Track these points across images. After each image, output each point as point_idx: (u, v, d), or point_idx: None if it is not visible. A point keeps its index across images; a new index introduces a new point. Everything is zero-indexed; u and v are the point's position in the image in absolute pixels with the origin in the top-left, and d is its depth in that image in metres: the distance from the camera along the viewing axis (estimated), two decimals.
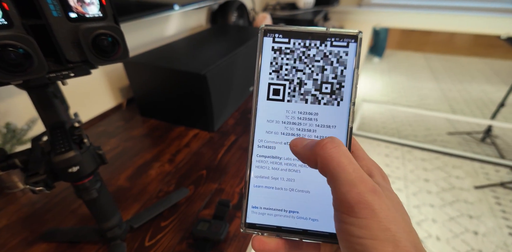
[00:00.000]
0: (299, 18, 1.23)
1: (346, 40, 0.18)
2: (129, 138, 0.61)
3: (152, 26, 0.78)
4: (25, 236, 0.38)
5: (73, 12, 0.19)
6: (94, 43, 0.20)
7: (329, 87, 0.18)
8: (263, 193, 0.18)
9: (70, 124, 0.30)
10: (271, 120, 0.18)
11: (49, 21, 0.18)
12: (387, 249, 0.13)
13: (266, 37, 0.17)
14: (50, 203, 0.43)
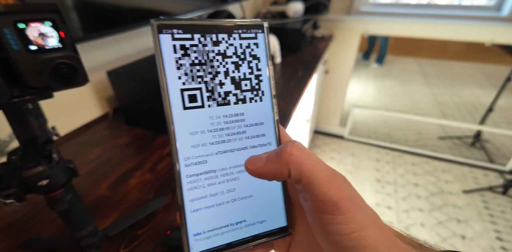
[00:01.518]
0: (288, 26, 1.26)
1: (254, 31, 0.17)
2: (113, 147, 0.63)
3: (139, 37, 0.81)
4: (5, 245, 0.40)
5: (33, 45, 0.21)
6: (54, 71, 0.22)
7: (248, 83, 0.17)
8: (203, 216, 0.16)
9: (45, 138, 0.32)
10: (194, 132, 0.16)
11: (10, 54, 0.20)
12: (377, 236, 0.13)
13: (162, 34, 0.14)
14: (31, 212, 0.45)
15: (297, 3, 1.38)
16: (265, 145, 0.18)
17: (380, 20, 1.55)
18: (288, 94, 0.88)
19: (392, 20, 1.53)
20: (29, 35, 0.21)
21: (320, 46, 1.41)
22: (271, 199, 0.18)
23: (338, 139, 2.12)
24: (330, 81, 1.90)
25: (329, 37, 1.60)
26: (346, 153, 1.96)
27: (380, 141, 2.04)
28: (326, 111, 2.08)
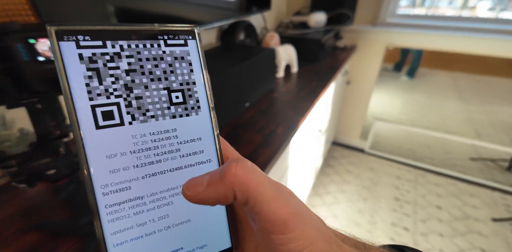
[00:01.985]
0: (307, 37, 1.27)
1: (182, 37, 0.15)
2: None
3: None
4: (21, 225, 0.45)
5: (41, 56, 0.26)
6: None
7: (180, 95, 0.15)
8: (130, 249, 0.14)
9: (56, 135, 0.38)
10: (112, 155, 0.13)
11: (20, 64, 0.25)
12: (325, 247, 0.13)
13: (63, 41, 0.12)
14: (47, 199, 0.51)
15: (319, 13, 1.39)
16: (204, 162, 0.16)
17: (407, 32, 1.51)
18: (298, 104, 0.89)
19: (422, 32, 1.48)
20: (39, 48, 0.26)
21: (340, 57, 1.40)
22: (212, 221, 0.16)
23: (357, 152, 2.06)
24: (352, 92, 1.87)
25: (352, 48, 1.59)
26: (364, 167, 1.89)
27: (403, 157, 1.94)
28: (347, 123, 2.04)
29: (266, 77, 0.94)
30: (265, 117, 0.82)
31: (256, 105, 0.89)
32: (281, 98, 0.94)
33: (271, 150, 0.66)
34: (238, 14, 1.04)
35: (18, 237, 0.43)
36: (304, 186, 1.35)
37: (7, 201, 0.50)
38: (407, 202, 1.59)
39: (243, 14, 1.08)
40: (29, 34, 0.24)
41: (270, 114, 0.83)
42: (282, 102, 0.91)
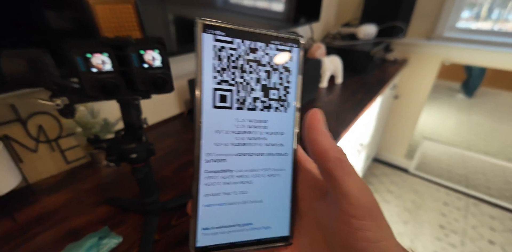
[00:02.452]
0: (355, 48, 1.28)
1: (289, 44, 0.17)
2: (181, 140, 0.77)
3: None
4: (97, 198, 0.55)
5: (146, 63, 0.33)
6: (154, 82, 0.34)
7: (276, 93, 0.17)
8: (214, 212, 0.17)
9: (138, 125, 0.46)
10: (219, 131, 0.16)
11: (132, 69, 0.33)
12: (396, 247, 0.13)
13: (205, 33, 0.15)
14: (118, 179, 0.60)
15: (369, 26, 1.39)
16: (282, 155, 0.18)
17: (468, 48, 1.41)
18: (342, 115, 0.90)
19: (485, 49, 1.37)
20: (145, 58, 0.33)
21: (390, 70, 1.37)
22: (278, 208, 0.18)
23: (401, 171, 1.94)
24: (400, 107, 1.78)
25: (403, 61, 1.53)
26: (407, 189, 1.77)
27: (453, 182, 1.78)
28: (391, 140, 1.94)
29: (310, 87, 0.97)
30: None
31: None
32: (324, 108, 0.96)
33: None
34: (286, 25, 1.10)
35: (92, 208, 0.53)
36: None
37: (88, 176, 0.61)
38: (454, 231, 1.45)
39: (292, 26, 1.13)
40: (141, 46, 0.32)
41: None
42: (325, 113, 0.92)
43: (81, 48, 0.30)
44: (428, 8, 1.44)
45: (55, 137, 0.59)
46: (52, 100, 0.34)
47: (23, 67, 0.30)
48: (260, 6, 0.90)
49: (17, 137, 0.54)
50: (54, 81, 0.33)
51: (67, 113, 0.35)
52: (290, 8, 1.06)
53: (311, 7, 1.23)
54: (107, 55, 0.32)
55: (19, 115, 0.53)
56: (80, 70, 0.31)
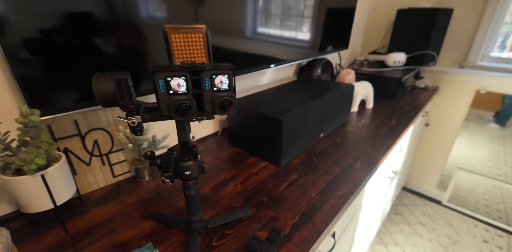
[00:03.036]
0: (386, 75, 1.29)
1: None
2: (217, 158, 0.79)
3: (250, 78, 1.01)
4: (142, 212, 0.56)
5: (215, 87, 0.36)
6: (220, 103, 0.36)
7: None
8: None
9: (191, 143, 0.48)
10: None
11: (203, 92, 0.35)
12: None
13: None
14: (160, 194, 0.62)
15: (398, 54, 1.41)
16: None
17: (502, 76, 1.38)
18: (378, 141, 0.88)
19: None
20: (215, 82, 0.36)
21: (421, 97, 1.35)
22: None
23: (433, 203, 1.82)
24: (431, 135, 1.72)
25: (434, 88, 1.51)
26: (442, 222, 1.64)
27: (492, 218, 1.63)
28: (422, 168, 1.85)
29: (342, 111, 0.97)
30: (340, 149, 0.84)
31: (331, 137, 0.92)
32: (357, 133, 0.95)
33: (351, 184, 0.66)
34: (315, 54, 1.15)
35: (138, 223, 0.54)
36: (368, 232, 1.25)
37: (132, 190, 0.62)
38: None
39: (321, 53, 1.18)
40: (214, 72, 0.35)
41: (346, 148, 0.85)
42: (358, 137, 0.92)
43: (164, 72, 0.33)
44: (460, 38, 1.44)
45: (107, 152, 0.62)
46: (128, 118, 0.37)
47: (111, 87, 0.34)
48: (286, 35, 0.95)
49: (75, 150, 0.57)
50: (133, 101, 0.36)
51: (138, 131, 0.38)
52: (317, 37, 1.11)
53: (339, 36, 1.28)
54: (184, 79, 0.35)
55: (79, 130, 0.57)
56: (159, 91, 0.34)
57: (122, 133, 0.61)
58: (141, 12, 0.54)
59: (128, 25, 0.53)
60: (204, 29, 0.39)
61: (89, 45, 0.49)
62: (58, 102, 0.48)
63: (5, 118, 0.49)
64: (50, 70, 0.46)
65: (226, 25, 0.72)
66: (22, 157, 0.43)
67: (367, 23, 1.72)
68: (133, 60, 0.56)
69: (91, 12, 0.47)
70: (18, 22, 0.41)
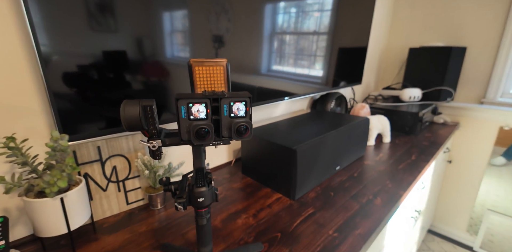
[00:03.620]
0: (402, 109, 1.28)
1: None
2: (230, 188, 0.77)
3: (264, 109, 1.05)
4: (152, 242, 0.54)
5: (233, 114, 0.38)
6: (237, 129, 0.38)
7: None
8: None
9: (206, 169, 0.48)
10: None
11: (221, 117, 0.37)
12: None
13: None
14: (171, 224, 0.60)
15: (413, 89, 1.42)
16: None
17: None
18: (398, 176, 0.85)
19: None
20: (233, 108, 0.38)
21: (441, 133, 1.32)
22: None
23: (463, 248, 1.62)
24: (455, 173, 1.62)
25: (454, 124, 1.48)
26: None
27: None
28: (448, 209, 1.70)
29: (358, 144, 0.95)
30: (358, 184, 0.80)
31: (347, 171, 0.89)
32: (375, 167, 0.92)
33: (371, 221, 0.62)
34: (328, 88, 1.19)
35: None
36: None
37: (144, 219, 0.61)
38: None
39: (334, 88, 1.21)
40: (232, 99, 0.37)
41: (364, 182, 0.81)
42: (376, 171, 0.88)
43: (187, 99, 0.36)
44: (476, 75, 1.46)
45: (124, 178, 0.64)
46: (150, 142, 0.38)
47: (137, 113, 0.37)
48: (300, 72, 1.01)
49: (94, 175, 0.59)
50: (156, 126, 0.38)
51: (157, 155, 0.39)
52: (329, 74, 1.16)
53: (352, 73, 1.34)
54: (204, 105, 0.37)
55: (101, 156, 0.60)
56: (181, 117, 0.36)
57: (140, 160, 0.63)
58: (166, 53, 0.60)
59: (153, 63, 0.59)
60: (225, 63, 0.43)
61: (119, 79, 0.54)
62: (86, 129, 0.52)
63: (36, 142, 0.53)
64: (83, 100, 0.51)
65: (242, 63, 0.78)
66: (46, 179, 0.45)
67: (379, 61, 1.79)
68: (155, 93, 0.60)
69: (125, 51, 0.54)
70: (63, 59, 0.47)
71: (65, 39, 0.46)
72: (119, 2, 0.51)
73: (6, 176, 0.50)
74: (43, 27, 0.44)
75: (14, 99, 0.48)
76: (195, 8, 0.62)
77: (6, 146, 0.43)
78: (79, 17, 0.47)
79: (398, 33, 1.71)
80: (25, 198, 0.45)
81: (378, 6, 1.54)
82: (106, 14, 0.50)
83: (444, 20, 1.50)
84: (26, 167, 0.46)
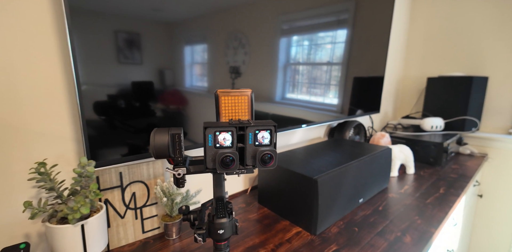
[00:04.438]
0: (425, 139, 1.24)
1: None
2: (246, 219, 0.74)
3: (281, 137, 1.04)
4: None
5: (258, 142, 0.38)
6: (261, 158, 0.38)
7: None
8: None
9: (226, 199, 0.47)
10: None
11: (246, 146, 0.38)
12: None
13: None
14: None
15: (435, 119, 1.39)
16: None
17: None
18: (426, 211, 0.79)
19: None
20: (258, 137, 0.38)
21: (468, 164, 1.24)
22: None
23: None
24: (487, 208, 1.49)
25: (482, 155, 1.40)
26: None
27: None
28: (482, 248, 1.52)
29: (381, 175, 0.91)
30: (384, 219, 0.75)
31: (371, 204, 0.84)
32: (400, 200, 0.86)
33: None
34: (345, 116, 1.18)
35: None
36: None
37: (158, 249, 0.59)
38: None
39: (350, 116, 1.21)
40: (258, 128, 0.38)
41: (390, 217, 0.76)
42: (402, 205, 0.83)
43: (214, 127, 0.37)
44: (502, 104, 1.41)
45: (141, 205, 0.63)
46: (175, 169, 0.39)
47: (165, 141, 0.38)
48: (314, 100, 1.02)
49: (114, 201, 0.59)
50: (182, 154, 0.39)
51: (181, 183, 0.39)
52: (345, 102, 1.16)
53: (369, 102, 1.34)
54: (230, 134, 0.38)
55: (122, 182, 0.60)
56: (207, 145, 0.37)
57: (159, 187, 0.63)
58: (186, 83, 0.63)
59: (174, 92, 0.62)
60: (250, 93, 0.45)
61: (142, 108, 0.57)
62: (111, 155, 0.54)
63: (63, 168, 0.54)
64: (111, 127, 0.53)
65: (258, 91, 0.81)
66: (71, 205, 0.45)
67: (396, 90, 1.79)
68: (174, 120, 0.62)
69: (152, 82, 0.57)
70: (96, 89, 0.51)
71: (99, 71, 0.50)
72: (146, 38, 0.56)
73: (33, 201, 0.51)
74: (82, 61, 0.48)
75: (51, 127, 0.52)
76: (215, 43, 0.67)
77: (37, 171, 0.45)
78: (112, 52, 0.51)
79: (413, 63, 1.74)
80: (47, 223, 0.45)
81: (393, 38, 1.59)
82: (134, 49, 0.54)
83: (461, 50, 1.52)
84: (52, 192, 0.47)
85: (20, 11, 0.46)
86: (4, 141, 0.47)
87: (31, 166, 0.50)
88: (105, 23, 0.49)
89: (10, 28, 0.46)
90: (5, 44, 0.46)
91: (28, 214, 0.51)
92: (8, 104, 0.47)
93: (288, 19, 0.84)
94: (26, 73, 0.48)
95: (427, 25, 1.64)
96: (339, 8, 1.02)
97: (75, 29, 0.46)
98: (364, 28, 1.17)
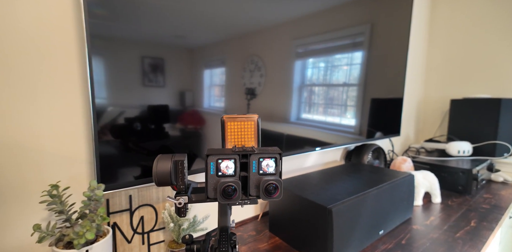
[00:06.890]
0: (451, 165, 1.15)
1: None
2: (255, 249, 0.70)
3: (294, 159, 1.01)
4: None
5: (262, 170, 0.37)
6: (265, 188, 0.36)
7: None
8: None
9: (231, 229, 0.45)
10: None
11: (249, 174, 0.36)
12: None
13: None
14: None
15: (462, 143, 1.30)
16: None
17: None
18: (457, 247, 0.70)
19: None
20: (262, 165, 0.37)
21: (502, 194, 1.13)
22: None
23: None
24: None
25: None
26: None
27: None
28: None
29: (403, 204, 0.84)
30: None
31: (393, 236, 0.77)
32: (426, 233, 0.78)
33: None
34: (363, 139, 1.13)
35: None
36: None
37: None
38: None
39: (369, 139, 1.16)
40: (262, 155, 0.37)
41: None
42: (429, 239, 0.75)
43: (217, 155, 0.37)
44: None
45: (149, 229, 0.62)
46: (176, 198, 0.38)
47: (168, 168, 0.38)
48: (330, 121, 0.99)
49: (122, 225, 0.59)
50: (184, 181, 0.38)
51: (182, 212, 0.39)
52: (363, 124, 1.12)
53: (389, 124, 1.29)
54: (233, 162, 0.37)
55: (131, 205, 0.60)
56: (209, 173, 0.36)
57: (167, 211, 0.62)
58: (204, 103, 0.65)
59: (192, 113, 0.63)
60: (256, 118, 0.44)
61: (158, 130, 0.58)
62: (122, 178, 0.54)
63: (75, 190, 0.56)
64: (124, 150, 0.54)
65: (272, 112, 0.81)
66: (77, 230, 0.45)
67: (417, 112, 1.72)
68: (190, 140, 0.63)
69: (168, 105, 0.59)
70: (113, 113, 0.53)
71: (118, 94, 0.53)
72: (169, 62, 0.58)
73: (43, 224, 0.52)
74: (101, 84, 0.51)
75: (66, 150, 0.54)
76: (232, 66, 0.69)
77: (49, 193, 0.46)
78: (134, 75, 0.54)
79: (434, 84, 1.68)
80: (54, 248, 0.46)
81: (411, 59, 1.57)
82: (157, 72, 0.57)
83: (485, 71, 1.46)
84: (62, 215, 0.48)
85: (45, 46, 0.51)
86: (19, 162, 0.49)
87: (45, 188, 0.52)
88: (127, 50, 0.53)
89: (29, 51, 0.50)
90: (28, 69, 0.50)
91: (36, 237, 0.52)
92: (24, 127, 0.50)
93: (303, 43, 0.86)
94: (43, 95, 0.51)
95: (447, 46, 1.61)
96: (354, 32, 1.03)
97: (94, 55, 0.49)
98: (381, 50, 1.17)
